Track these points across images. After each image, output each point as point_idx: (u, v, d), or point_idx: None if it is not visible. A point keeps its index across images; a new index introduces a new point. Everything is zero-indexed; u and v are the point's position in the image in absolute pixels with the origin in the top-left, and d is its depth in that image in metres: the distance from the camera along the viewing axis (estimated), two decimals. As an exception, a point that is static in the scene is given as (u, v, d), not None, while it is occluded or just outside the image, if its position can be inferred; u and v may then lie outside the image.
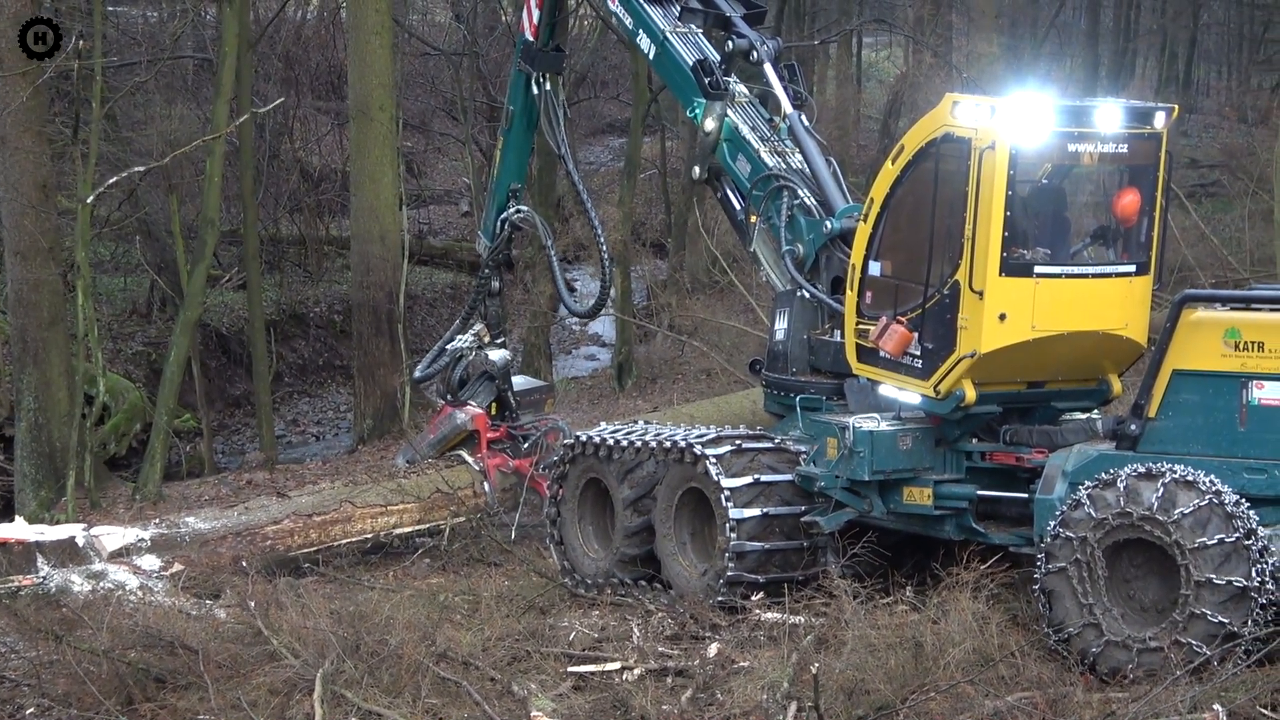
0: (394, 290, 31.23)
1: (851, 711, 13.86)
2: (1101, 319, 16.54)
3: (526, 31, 22.64)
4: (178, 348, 28.02)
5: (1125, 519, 14.65)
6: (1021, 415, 17.10)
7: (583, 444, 19.14)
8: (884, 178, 17.11)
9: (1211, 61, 67.48)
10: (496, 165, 23.83)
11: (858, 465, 16.83)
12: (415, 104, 47.39)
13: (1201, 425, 15.30)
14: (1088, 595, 14.80)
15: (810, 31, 47.13)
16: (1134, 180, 16.70)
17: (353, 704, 14.48)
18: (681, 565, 18.17)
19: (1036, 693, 14.03)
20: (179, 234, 32.12)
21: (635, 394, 33.28)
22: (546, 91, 22.53)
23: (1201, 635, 14.14)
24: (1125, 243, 16.77)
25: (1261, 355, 15.00)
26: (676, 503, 18.19)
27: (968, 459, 17.11)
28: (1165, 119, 16.54)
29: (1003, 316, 16.07)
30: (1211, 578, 14.17)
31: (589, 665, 15.75)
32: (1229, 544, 14.22)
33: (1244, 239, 33.83)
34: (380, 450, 29.55)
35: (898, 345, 16.79)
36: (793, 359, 18.74)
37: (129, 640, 15.93)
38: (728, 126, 19.69)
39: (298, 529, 21.08)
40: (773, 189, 19.08)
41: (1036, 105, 16.26)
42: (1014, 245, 16.08)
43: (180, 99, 39.92)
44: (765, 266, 19.50)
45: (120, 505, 26.02)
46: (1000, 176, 15.90)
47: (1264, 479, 14.96)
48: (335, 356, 41.79)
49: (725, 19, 20.27)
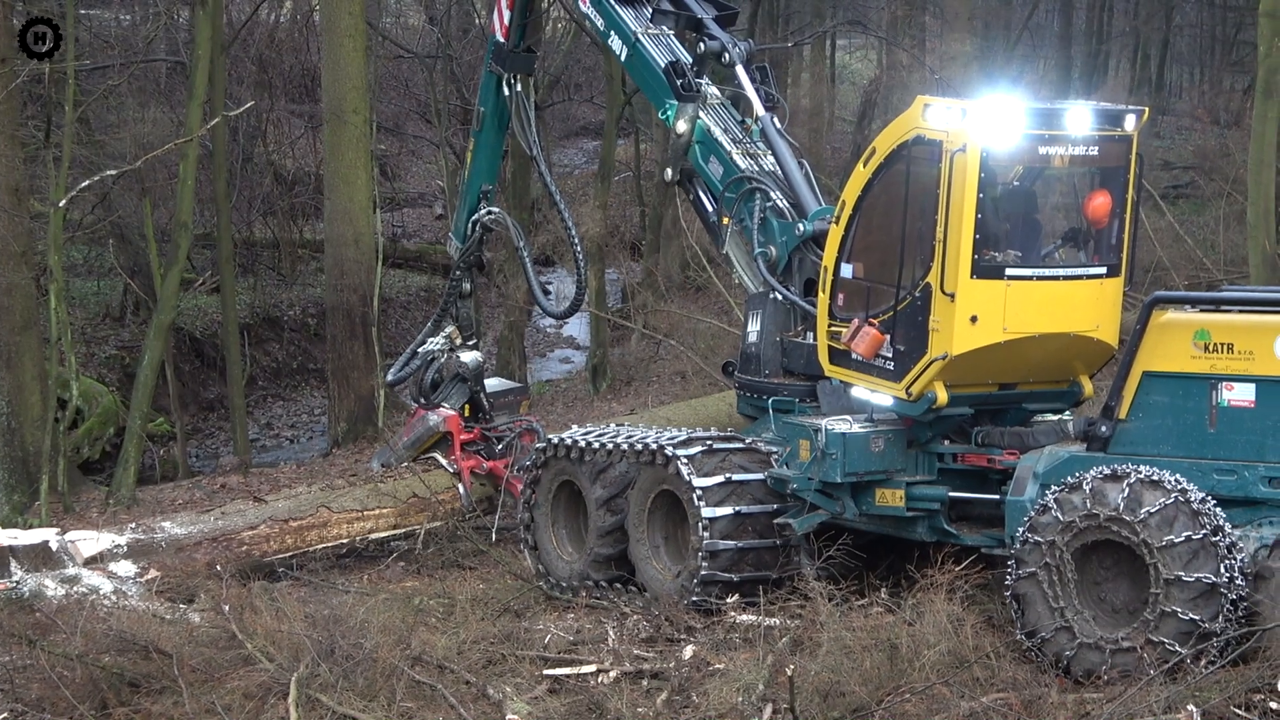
0: (368, 293, 31.18)
1: (827, 713, 13.87)
2: (1072, 321, 16.56)
3: (498, 33, 22.62)
4: (151, 351, 27.96)
5: (1092, 521, 14.70)
6: (993, 417, 17.12)
7: (555, 446, 19.17)
8: (856, 180, 17.13)
9: (1184, 63, 67.61)
10: (467, 167, 23.80)
11: (830, 467, 16.83)
12: (389, 107, 47.38)
13: (1172, 427, 15.36)
14: (1059, 599, 14.84)
15: (784, 33, 47.11)
16: (1105, 182, 16.73)
17: (328, 708, 14.45)
18: (655, 569, 18.19)
19: (1012, 694, 14.05)
20: (152, 237, 32.03)
21: (610, 396, 33.27)
22: (518, 93, 22.52)
23: (1173, 634, 14.19)
24: (1096, 245, 16.80)
25: (1231, 357, 15.05)
26: (649, 506, 18.22)
27: (940, 460, 17.13)
28: (1136, 121, 16.59)
29: (974, 319, 16.10)
30: (1180, 575, 14.22)
31: (564, 669, 15.74)
32: (1196, 541, 14.28)
33: (1218, 240, 33.90)
34: (355, 453, 29.50)
35: (869, 347, 16.81)
36: (765, 361, 18.75)
37: (103, 645, 15.88)
38: (700, 128, 19.69)
39: (274, 534, 21.03)
40: (745, 191, 19.08)
41: (1007, 108, 16.27)
42: (985, 247, 16.11)
43: (153, 102, 39.79)
44: (738, 268, 19.52)
45: (94, 509, 25.95)
46: (971, 179, 15.93)
47: (1233, 480, 15.01)
48: (309, 360, 41.73)
49: (697, 21, 20.28)
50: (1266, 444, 14.94)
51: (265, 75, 44.74)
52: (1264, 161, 26.10)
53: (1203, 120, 51.51)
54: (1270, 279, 25.40)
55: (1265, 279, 25.30)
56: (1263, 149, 26.09)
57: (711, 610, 17.23)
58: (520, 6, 22.41)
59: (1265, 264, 25.87)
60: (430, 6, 48.10)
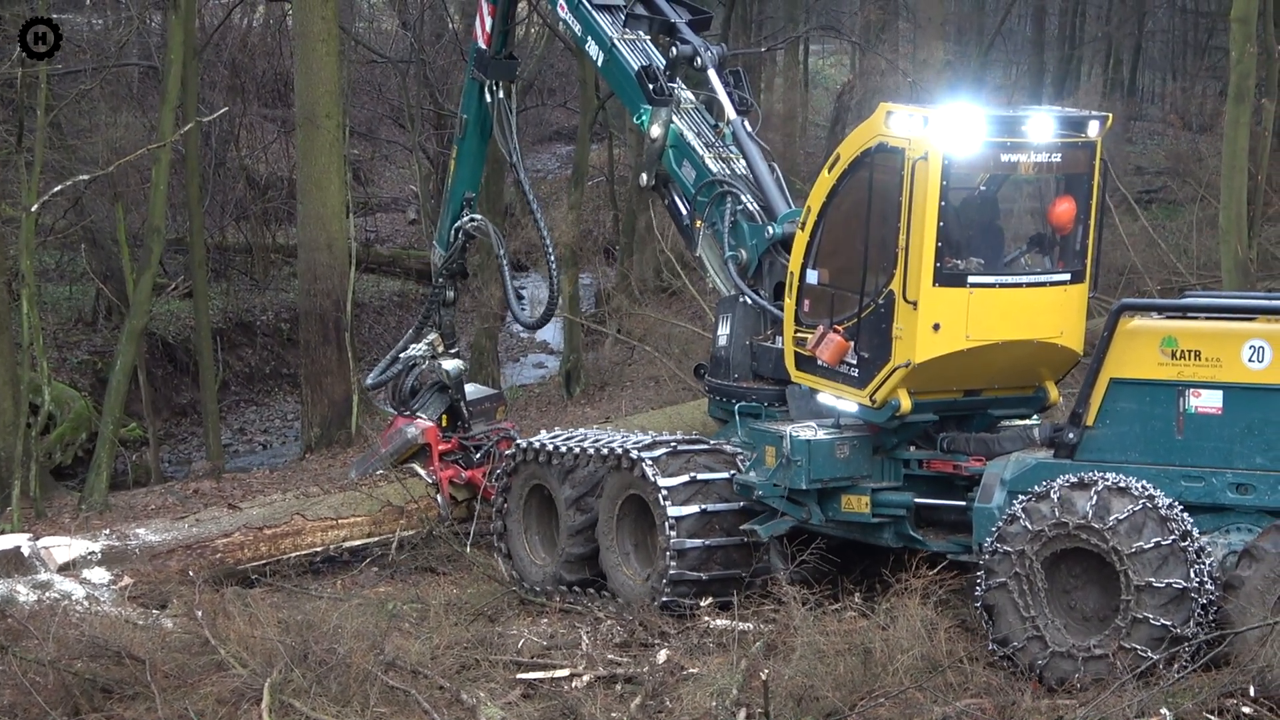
0: (341, 298, 31.13)
1: (801, 718, 13.86)
2: (1036, 328, 16.59)
3: (480, 40, 22.60)
4: (124, 356, 27.89)
5: (1061, 529, 14.73)
6: (959, 423, 17.16)
7: (525, 451, 19.29)
8: (820, 186, 17.16)
9: (1156, 69, 67.77)
10: (451, 174, 23.77)
11: (795, 474, 16.84)
12: (362, 111, 47.29)
13: (1139, 434, 15.39)
14: (1029, 608, 14.86)
15: (758, 38, 47.14)
16: (1069, 189, 16.74)
17: (301, 713, 14.44)
18: (626, 575, 18.28)
19: (986, 699, 14.06)
20: (124, 242, 32.00)
21: (584, 401, 33.25)
22: (500, 100, 22.52)
23: (1145, 639, 14.22)
24: (1061, 251, 16.81)
25: (1198, 364, 15.09)
26: (618, 513, 18.34)
27: (906, 467, 17.16)
28: (1099, 128, 16.61)
29: (936, 326, 16.12)
30: (1151, 581, 14.25)
31: (538, 673, 15.73)
32: (1165, 546, 14.31)
33: (1190, 245, 34.00)
34: (328, 459, 29.46)
35: (834, 354, 16.85)
36: (735, 364, 18.78)
37: (75, 650, 15.84)
38: (673, 133, 19.72)
39: (248, 542, 20.97)
40: (717, 194, 19.11)
41: (969, 115, 16.29)
42: (947, 255, 16.13)
43: (126, 107, 39.72)
44: (711, 271, 19.57)
45: (66, 515, 25.87)
46: (933, 186, 15.95)
47: (1201, 487, 15.06)
48: (282, 365, 41.67)
49: (670, 25, 20.32)
50: (1234, 451, 14.98)
51: (238, 80, 44.68)
52: (1236, 166, 26.14)
53: (1175, 125, 51.68)
54: (1242, 283, 25.45)
55: (1237, 283, 25.35)
56: (1235, 153, 26.13)
57: (684, 613, 17.26)
58: (502, 13, 22.40)
59: (1238, 268, 25.91)
60: (403, 11, 48.03)
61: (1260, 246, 30.72)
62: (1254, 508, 14.89)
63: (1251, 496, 14.90)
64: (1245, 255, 26.49)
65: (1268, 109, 30.95)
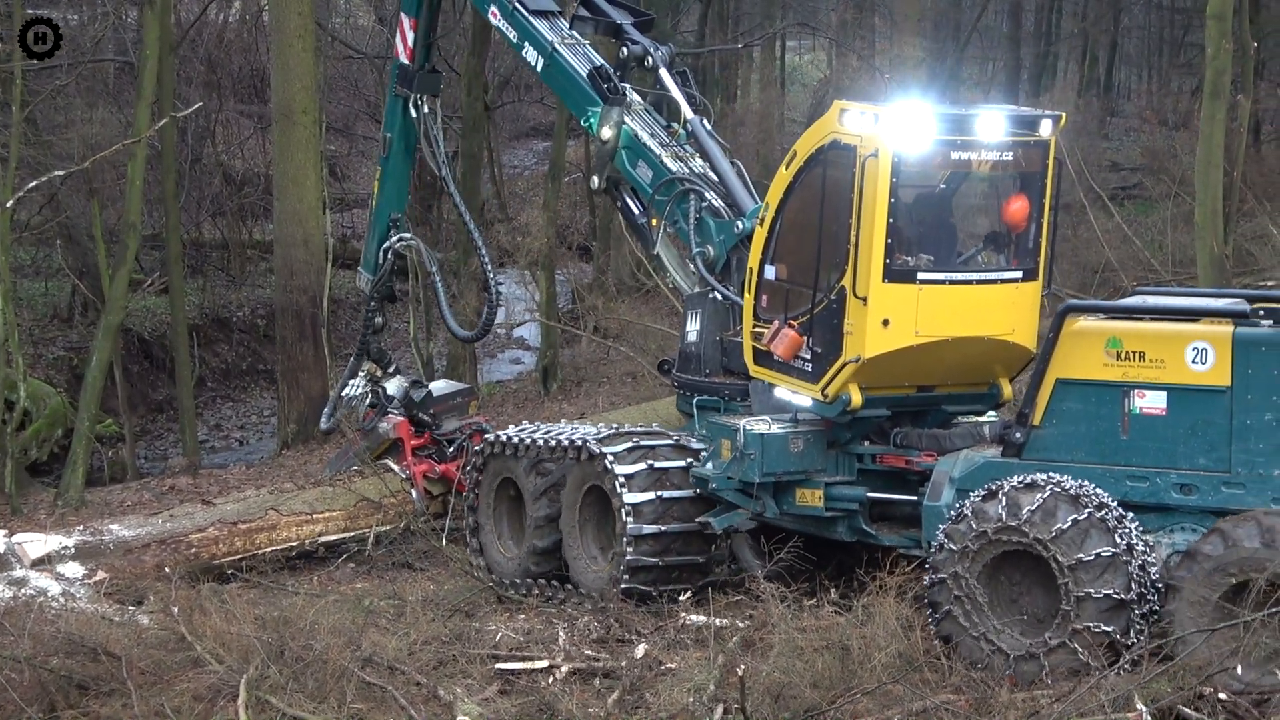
0: (318, 294, 31.09)
1: (779, 714, 13.88)
2: (986, 324, 16.70)
3: (402, 55, 22.65)
4: (99, 353, 27.84)
5: (1006, 533, 14.81)
6: (914, 418, 17.28)
7: (493, 444, 19.52)
8: (778, 183, 17.30)
9: (1132, 65, 67.89)
10: (374, 196, 23.67)
11: (748, 467, 16.99)
12: (339, 107, 47.23)
13: (1085, 433, 15.51)
14: (972, 607, 14.94)
15: (734, 35, 47.19)
16: (1023, 187, 16.84)
17: (277, 710, 14.41)
18: (587, 565, 18.58)
19: (962, 694, 14.08)
20: (100, 238, 31.91)
21: (561, 397, 33.23)
22: (425, 114, 22.51)
23: (1083, 642, 14.34)
24: (1014, 249, 16.90)
25: (1143, 365, 15.22)
26: (580, 505, 18.62)
27: (859, 462, 17.29)
28: (1052, 126, 16.72)
29: (886, 322, 16.23)
30: (1090, 592, 14.38)
31: (516, 664, 15.75)
32: (1106, 558, 14.42)
33: (1166, 241, 34.07)
34: (304, 454, 29.42)
35: (788, 349, 16.97)
36: (705, 360, 18.89)
37: (51, 647, 15.80)
38: (626, 134, 19.76)
39: (223, 537, 20.98)
40: (678, 193, 19.15)
41: (919, 113, 16.39)
42: (897, 252, 16.24)
43: (101, 102, 39.65)
44: (670, 270, 19.69)
45: (42, 511, 25.82)
46: (883, 183, 16.06)
47: (1146, 486, 15.20)
48: (259, 361, 41.60)
49: (616, 26, 20.43)
50: (1178, 451, 15.10)
51: (214, 75, 44.59)
52: (1212, 162, 26.21)
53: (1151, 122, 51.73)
54: (1218, 279, 25.53)
55: (1213, 279, 25.42)
56: (1210, 150, 26.19)
57: (643, 600, 17.49)
58: (424, 27, 22.42)
59: (1213, 265, 25.98)
60: (380, 7, 47.98)
61: (1235, 242, 30.77)
62: (1198, 508, 15.01)
63: (1195, 497, 15.03)
64: (1221, 251, 26.56)
65: (1243, 105, 31.06)
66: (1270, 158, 38.97)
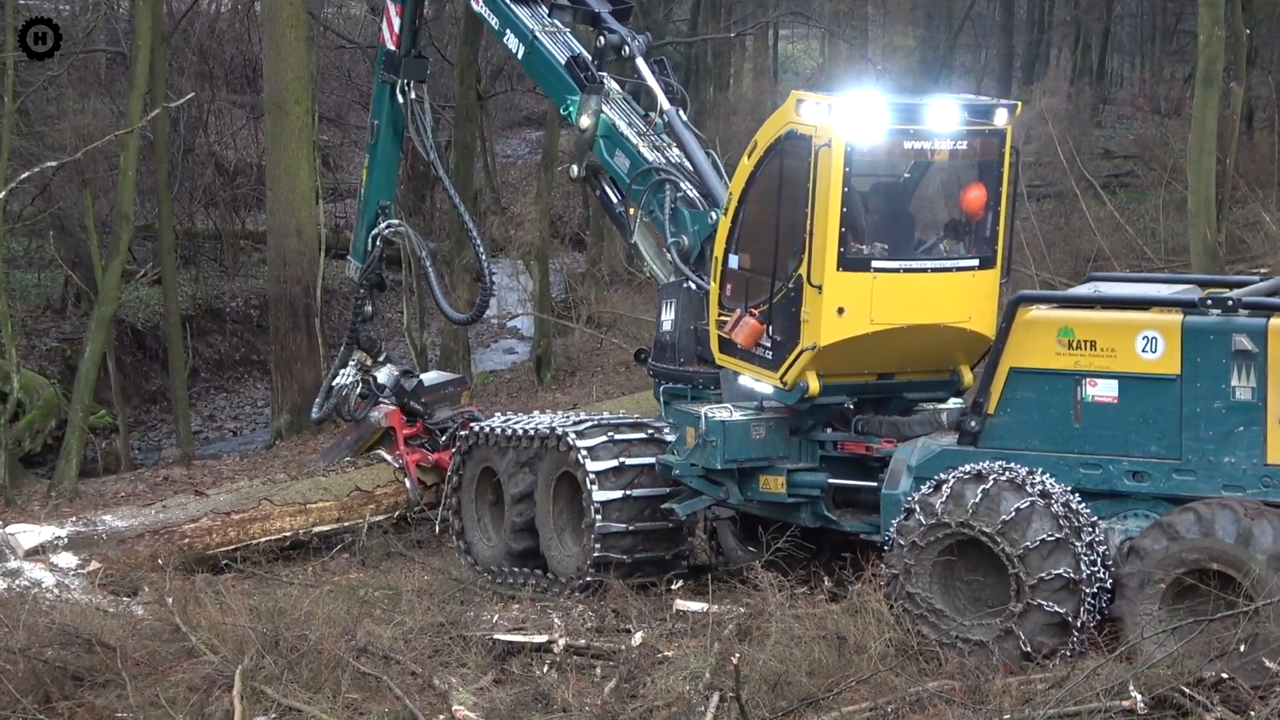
0: (311, 284, 31.10)
1: (775, 703, 13.89)
2: (941, 312, 16.79)
3: (388, 42, 22.72)
4: (93, 344, 27.81)
5: (955, 523, 15.01)
6: (876, 405, 17.40)
7: (474, 435, 19.78)
8: (740, 173, 17.41)
9: (1125, 53, 67.89)
10: (363, 184, 23.70)
11: (711, 454, 17.12)
12: (331, 97, 47.17)
13: (1038, 421, 15.68)
14: (924, 594, 15.14)
15: (727, 24, 47.15)
16: (980, 176, 16.95)
17: (272, 700, 14.43)
18: (559, 550, 18.85)
19: (957, 681, 14.11)
20: (93, 229, 31.91)
21: (554, 387, 33.24)
22: (412, 100, 22.55)
23: (1033, 630, 14.58)
24: (973, 237, 17.02)
25: (1094, 354, 15.38)
26: (553, 491, 18.91)
27: (821, 448, 17.41)
28: (1008, 115, 16.82)
29: (841, 310, 16.34)
30: (1041, 577, 14.58)
31: (515, 635, 15.95)
32: (1051, 542, 14.62)
33: (1158, 229, 34.11)
34: (298, 445, 29.42)
35: (749, 337, 17.09)
36: (681, 349, 19.00)
37: (46, 638, 15.79)
38: (604, 123, 19.85)
39: (216, 527, 20.98)
40: (654, 183, 19.24)
41: (872, 103, 16.50)
42: (851, 240, 16.37)
43: (94, 93, 39.60)
44: (647, 259, 19.81)
45: (36, 502, 25.81)
46: (836, 173, 16.17)
47: (1099, 474, 15.37)
48: (252, 351, 41.57)
49: (594, 15, 20.51)
50: (1130, 439, 15.27)
51: (206, 66, 44.51)
52: (1204, 150, 26.23)
53: (1143, 109, 51.82)
54: (1211, 267, 25.56)
55: (1206, 267, 25.45)
56: (1203, 137, 26.21)
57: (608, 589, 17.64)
58: (410, 12, 22.49)
59: (1206, 252, 26.01)
60: (372, -4, 47.92)
61: (1228, 230, 30.81)
62: (1149, 494, 15.19)
63: (1147, 483, 15.20)
64: (1214, 239, 26.59)
65: (1236, 93, 31.05)
66: (1263, 145, 38.97)
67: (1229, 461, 14.86)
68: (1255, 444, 14.79)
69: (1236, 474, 14.82)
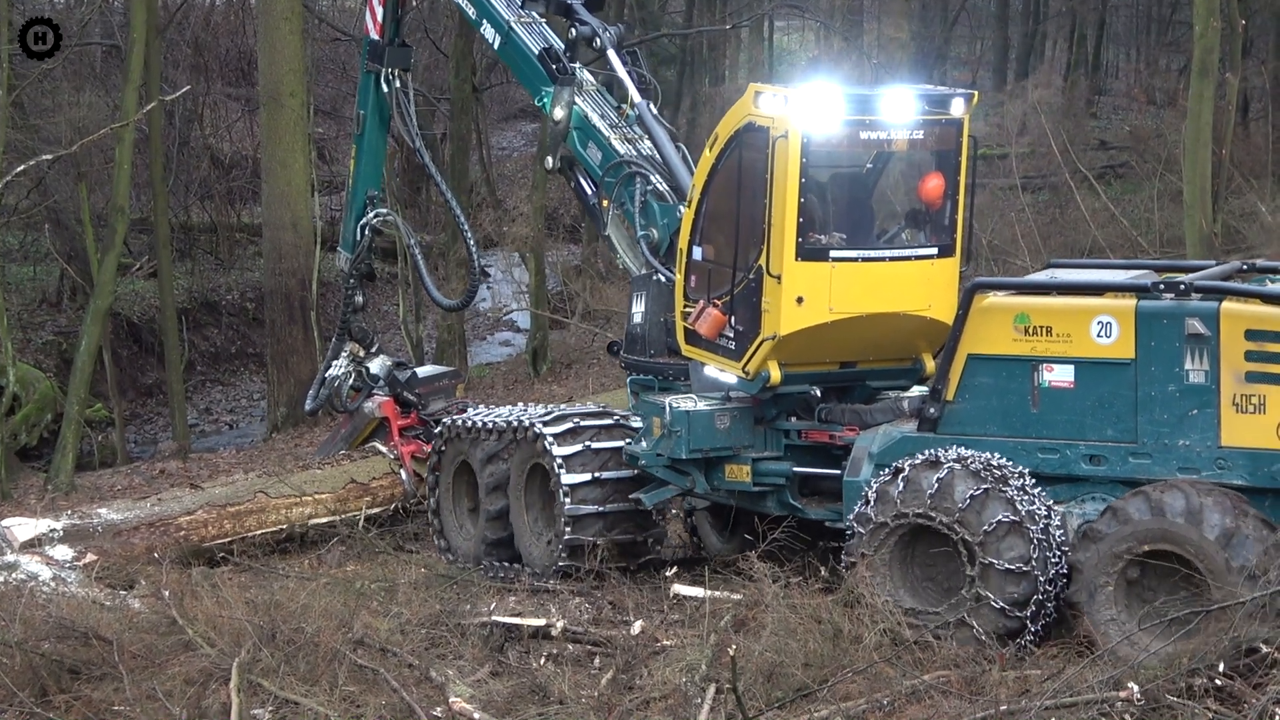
0: (306, 277, 31.10)
1: (771, 694, 13.90)
2: (900, 301, 16.91)
3: (372, 31, 22.79)
4: (89, 337, 27.82)
5: (911, 511, 15.17)
6: (840, 394, 17.51)
7: (450, 428, 19.89)
8: (702, 165, 17.51)
9: (1120, 44, 67.89)
10: (351, 174, 23.73)
11: (676, 444, 17.27)
12: (326, 89, 47.18)
13: (996, 407, 15.80)
14: (886, 582, 15.29)
15: (722, 15, 47.14)
16: (938, 165, 17.09)
17: (269, 693, 14.41)
18: (531, 540, 18.95)
19: (953, 672, 14.13)
20: (88, 222, 31.91)
21: (550, 379, 33.26)
22: (397, 88, 22.60)
23: (989, 616, 14.75)
24: (931, 226, 17.15)
25: (1050, 339, 15.50)
26: (524, 484, 18.99)
27: (786, 437, 17.51)
28: (964, 105, 16.95)
29: (800, 300, 16.47)
30: (994, 562, 14.72)
31: (513, 619, 16.05)
32: (1006, 524, 14.76)
33: (1153, 220, 34.10)
34: (294, 438, 29.42)
35: (711, 327, 17.21)
36: (651, 341, 19.08)
37: (42, 631, 15.78)
38: (577, 114, 19.88)
39: (211, 520, 20.97)
40: (625, 175, 19.30)
41: (827, 94, 16.60)
42: (810, 230, 16.51)
43: (89, 86, 39.58)
44: (620, 251, 19.87)
45: (32, 496, 25.81)
46: (793, 164, 16.30)
47: (1056, 458, 15.50)
48: (248, 344, 41.59)
49: (566, 6, 20.54)
50: (1086, 423, 15.39)
51: (201, 58, 44.57)
52: (1200, 141, 26.26)
53: (1139, 100, 51.80)
54: (1206, 257, 25.55)
55: (1201, 257, 25.43)
56: (1199, 128, 26.24)
57: (581, 575, 17.78)
58: (392, 2, 22.51)
59: (1201, 243, 26.04)
60: (367, -11, 47.85)
61: (1224, 220, 30.82)
62: (1106, 478, 15.32)
63: (1104, 467, 15.32)
64: (1209, 229, 26.63)
65: (1231, 83, 31.09)
66: (1258, 135, 38.97)
67: (1184, 444, 14.97)
68: (1209, 427, 14.90)
69: (1191, 456, 14.94)
